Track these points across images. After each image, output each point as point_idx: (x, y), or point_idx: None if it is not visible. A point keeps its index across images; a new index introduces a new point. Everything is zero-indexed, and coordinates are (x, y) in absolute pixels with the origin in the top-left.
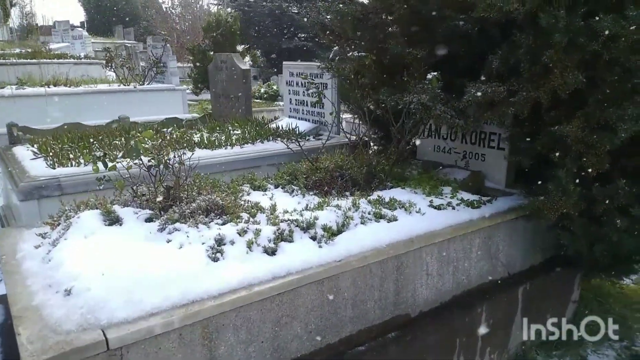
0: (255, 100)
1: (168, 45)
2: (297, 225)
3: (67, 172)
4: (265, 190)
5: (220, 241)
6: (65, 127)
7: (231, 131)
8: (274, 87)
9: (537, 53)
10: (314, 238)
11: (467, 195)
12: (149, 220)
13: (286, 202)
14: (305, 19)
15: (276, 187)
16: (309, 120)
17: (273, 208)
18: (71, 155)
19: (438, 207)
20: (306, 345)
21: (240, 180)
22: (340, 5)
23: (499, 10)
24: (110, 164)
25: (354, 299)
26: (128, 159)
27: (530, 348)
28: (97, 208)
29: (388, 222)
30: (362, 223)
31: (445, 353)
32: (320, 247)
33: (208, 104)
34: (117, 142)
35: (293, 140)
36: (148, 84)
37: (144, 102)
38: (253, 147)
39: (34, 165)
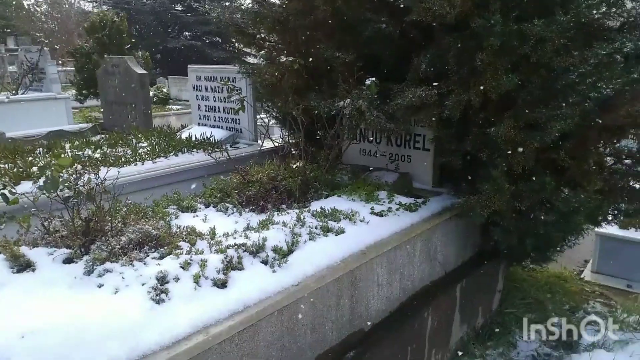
0: None
1: (46, 49)
2: (245, 250)
3: None
4: (195, 211)
5: (162, 279)
6: None
7: (137, 144)
8: (164, 90)
9: (467, 56)
10: (265, 262)
11: (403, 199)
12: (68, 261)
13: (223, 223)
14: (215, 19)
15: (207, 206)
16: (222, 128)
17: (212, 232)
18: None
19: (380, 214)
20: None
21: (164, 201)
22: (256, 6)
23: (432, 14)
24: (11, 197)
25: (313, 322)
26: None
27: (467, 343)
28: None
29: (336, 235)
30: (310, 239)
31: None
32: (274, 271)
33: (93, 111)
34: (1, 165)
35: (212, 151)
36: (23, 94)
37: (21, 114)
38: (167, 162)
39: None
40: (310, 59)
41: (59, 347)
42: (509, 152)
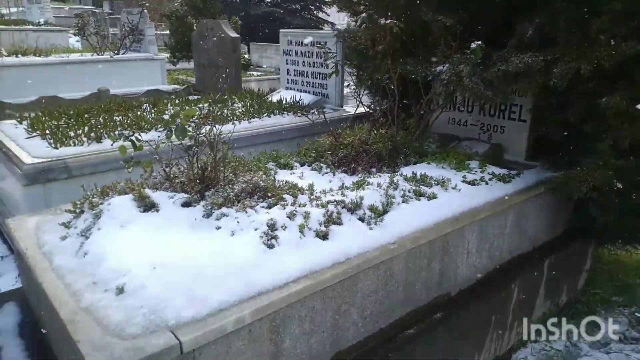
0: None
1: (145, 11)
2: (343, 207)
3: (72, 152)
4: (292, 169)
5: (272, 226)
6: (43, 101)
7: (232, 104)
8: (245, 56)
9: (581, 22)
10: (362, 219)
11: (495, 169)
12: (186, 205)
13: (318, 181)
14: None
15: (302, 165)
16: (309, 92)
17: (311, 188)
18: (71, 134)
19: (472, 183)
20: (361, 331)
21: (264, 157)
22: None
23: None
24: (137, 144)
25: (405, 281)
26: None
27: (550, 319)
28: (126, 193)
29: (428, 200)
30: (404, 202)
31: (483, 330)
32: (370, 228)
33: (181, 74)
34: (117, 118)
35: (307, 114)
36: (124, 54)
37: (121, 72)
38: (261, 122)
39: (31, 145)
40: (412, 24)
41: (184, 280)
42: (618, 125)
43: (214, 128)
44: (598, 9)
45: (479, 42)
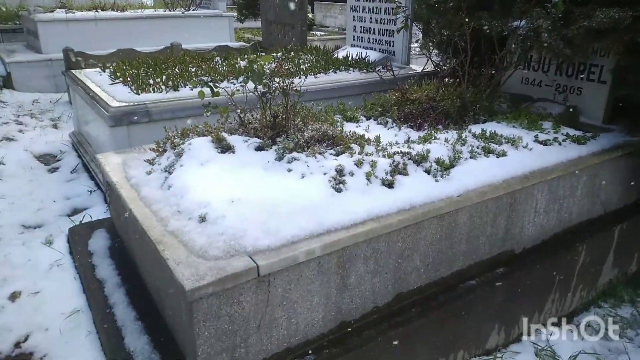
0: None
1: None
2: (409, 158)
3: (152, 98)
4: (358, 122)
5: (340, 172)
6: (120, 53)
7: (298, 60)
8: (309, 16)
9: None
10: (428, 172)
11: (571, 131)
12: (259, 149)
13: (384, 134)
14: None
15: (368, 119)
16: (375, 50)
17: (377, 140)
18: (151, 81)
19: (544, 143)
20: (422, 277)
21: (330, 110)
22: None
23: None
24: (215, 90)
25: (469, 234)
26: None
27: (616, 286)
28: (205, 135)
29: (497, 157)
30: (471, 157)
31: (545, 289)
32: (436, 181)
33: (246, 32)
34: (191, 69)
35: (374, 70)
36: (194, 10)
37: (192, 28)
38: (327, 77)
39: (116, 90)
40: None
41: (259, 214)
42: None
43: (286, 79)
44: None
45: None
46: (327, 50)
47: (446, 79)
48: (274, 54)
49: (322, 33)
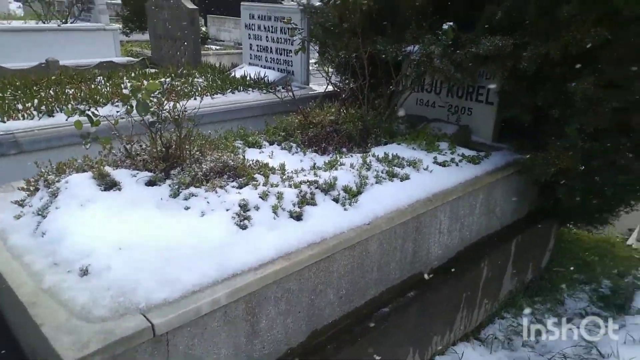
0: None
1: None
2: (317, 187)
3: (22, 126)
4: (261, 147)
5: (244, 207)
6: None
7: (192, 79)
8: (202, 29)
9: (550, 6)
10: (336, 200)
11: (465, 151)
12: (150, 184)
13: (289, 160)
14: None
15: (271, 143)
16: (274, 69)
17: (282, 168)
18: (20, 106)
19: (443, 164)
20: (337, 311)
21: (230, 136)
22: None
23: None
24: (94, 119)
25: (379, 261)
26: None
27: (516, 296)
28: (85, 170)
29: (402, 181)
30: (377, 182)
31: (453, 308)
32: (345, 209)
33: (134, 46)
34: (69, 90)
35: (274, 91)
36: (72, 23)
37: (70, 43)
38: (225, 98)
39: None
40: (377, 1)
41: (153, 262)
42: (584, 110)
43: (178, 104)
44: None
45: (451, 23)
46: (223, 68)
47: (349, 100)
48: (163, 79)
49: (218, 47)
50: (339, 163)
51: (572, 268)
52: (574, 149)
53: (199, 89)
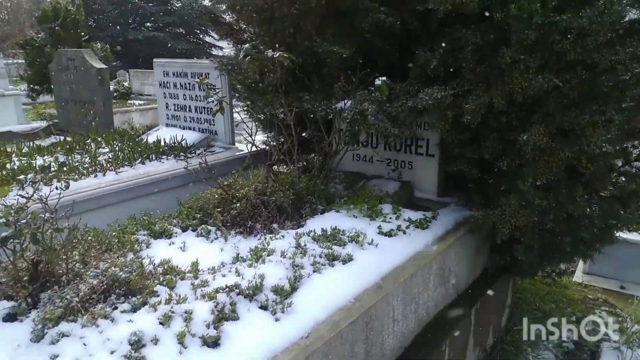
0: None
1: None
2: (239, 293)
3: None
4: (170, 237)
5: (137, 343)
6: None
7: (96, 150)
8: (125, 84)
9: (489, 52)
10: (265, 307)
11: (411, 213)
12: (10, 318)
13: (206, 251)
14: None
15: (184, 229)
16: (194, 129)
17: (195, 268)
18: None
19: (389, 234)
20: None
21: (131, 225)
22: None
23: (452, 3)
24: None
25: None
26: None
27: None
28: None
29: (344, 264)
30: (315, 271)
31: None
32: (277, 319)
33: (47, 107)
34: None
35: (186, 157)
36: None
37: None
38: (133, 171)
39: None
40: (300, 54)
41: None
42: (536, 161)
43: (46, 208)
44: (507, 37)
45: (384, 78)
46: (135, 132)
47: (278, 164)
48: (52, 157)
49: (141, 102)
50: (267, 251)
51: (532, 325)
52: (529, 205)
53: (102, 162)
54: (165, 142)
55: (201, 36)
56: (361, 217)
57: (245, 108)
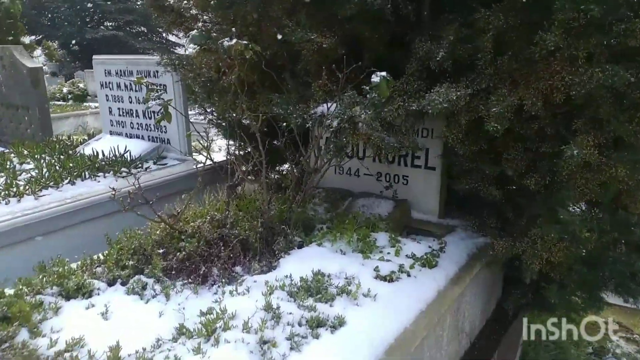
0: (57, 103)
1: None
2: None
3: None
4: (91, 296)
5: None
6: None
7: (17, 166)
8: (81, 85)
9: (516, 38)
10: None
11: (414, 246)
12: None
13: (138, 319)
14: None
15: (112, 283)
16: (143, 137)
17: (115, 355)
18: None
19: (390, 279)
20: None
21: (38, 278)
22: None
23: None
24: None
25: None
26: None
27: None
28: None
29: (333, 332)
30: (293, 349)
31: None
32: None
33: None
34: None
35: (129, 172)
36: None
37: None
38: (58, 194)
39: None
40: (268, 46)
41: None
42: (574, 179)
43: None
44: (536, 19)
45: (384, 74)
46: (72, 143)
47: (239, 188)
48: None
49: (97, 105)
50: (223, 321)
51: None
52: (574, 238)
53: (20, 183)
54: (104, 155)
55: (164, 34)
56: (351, 253)
57: (201, 112)
